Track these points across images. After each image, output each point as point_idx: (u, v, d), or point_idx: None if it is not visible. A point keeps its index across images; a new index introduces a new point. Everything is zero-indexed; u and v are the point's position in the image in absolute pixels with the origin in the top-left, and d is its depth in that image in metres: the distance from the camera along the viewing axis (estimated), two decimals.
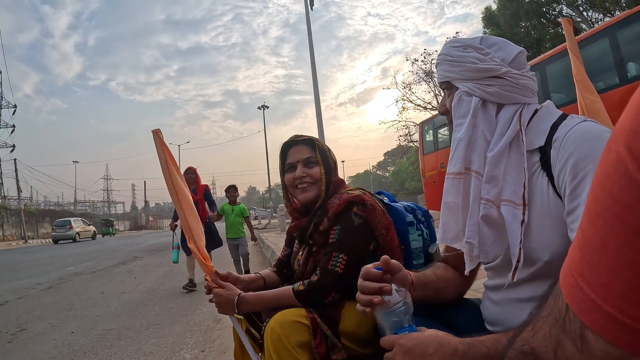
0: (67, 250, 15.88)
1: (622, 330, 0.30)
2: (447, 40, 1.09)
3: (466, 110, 0.98)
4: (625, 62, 5.86)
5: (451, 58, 1.02)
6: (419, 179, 22.79)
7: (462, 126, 0.97)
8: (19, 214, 30.62)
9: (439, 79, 1.08)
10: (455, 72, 1.01)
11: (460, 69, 1.00)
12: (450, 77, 1.03)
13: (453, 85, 1.04)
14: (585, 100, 2.22)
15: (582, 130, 0.83)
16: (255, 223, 26.54)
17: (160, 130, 1.59)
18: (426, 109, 28.02)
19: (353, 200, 1.39)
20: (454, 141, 0.98)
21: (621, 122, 0.30)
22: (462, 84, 1.01)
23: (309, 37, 12.62)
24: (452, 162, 0.97)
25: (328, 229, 1.40)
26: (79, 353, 3.07)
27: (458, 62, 1.01)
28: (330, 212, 1.41)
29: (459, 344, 0.76)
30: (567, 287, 0.35)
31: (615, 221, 0.29)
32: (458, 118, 0.99)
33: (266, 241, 9.02)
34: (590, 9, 19.93)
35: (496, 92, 0.97)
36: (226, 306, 1.45)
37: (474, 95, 0.98)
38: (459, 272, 1.19)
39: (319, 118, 12.09)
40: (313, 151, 1.52)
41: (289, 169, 1.54)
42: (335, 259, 1.34)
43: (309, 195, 1.50)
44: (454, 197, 0.97)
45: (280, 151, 1.57)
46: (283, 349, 1.19)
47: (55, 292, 5.90)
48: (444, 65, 1.04)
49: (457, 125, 0.99)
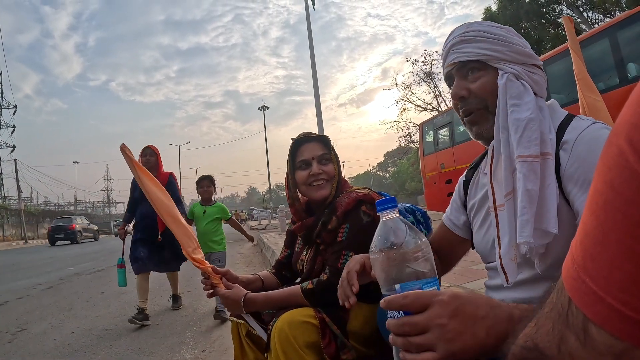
0: (67, 251, 15.87)
1: (625, 322, 0.30)
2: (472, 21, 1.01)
3: (519, 91, 0.91)
4: (625, 63, 5.87)
5: (493, 36, 0.94)
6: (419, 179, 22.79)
7: (521, 107, 0.89)
8: (19, 214, 30.62)
9: (467, 57, 0.96)
10: (500, 51, 0.93)
11: (506, 49, 0.93)
12: (490, 55, 0.94)
13: (487, 66, 0.95)
14: (587, 99, 2.22)
15: (594, 135, 0.82)
16: (255, 224, 26.53)
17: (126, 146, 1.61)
18: (426, 110, 28.10)
19: (362, 199, 1.39)
20: (517, 121, 0.88)
21: (622, 116, 0.30)
22: (507, 65, 0.93)
23: (309, 37, 12.62)
24: (524, 144, 0.85)
25: (337, 228, 1.39)
26: (79, 353, 3.07)
27: (503, 40, 0.94)
28: (339, 210, 1.40)
29: (514, 309, 0.63)
30: (569, 281, 0.35)
31: (616, 214, 0.29)
32: (511, 99, 0.90)
33: (266, 242, 9.02)
34: (591, 10, 19.98)
35: (538, 80, 0.95)
36: (233, 306, 1.44)
37: (522, 79, 0.92)
38: (439, 259, 1.21)
39: (319, 118, 12.08)
40: (327, 148, 1.51)
41: (301, 166, 1.50)
42: (345, 257, 1.34)
43: (324, 193, 1.47)
44: (534, 183, 0.83)
45: (291, 148, 1.53)
46: (291, 349, 1.18)
47: (56, 293, 5.90)
48: (480, 42, 0.95)
49: (512, 105, 0.90)
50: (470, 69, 0.97)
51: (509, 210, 0.87)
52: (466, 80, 0.98)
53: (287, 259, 1.70)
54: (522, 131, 0.86)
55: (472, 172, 1.17)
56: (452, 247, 1.21)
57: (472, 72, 0.97)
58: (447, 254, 1.22)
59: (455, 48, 0.98)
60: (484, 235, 1.06)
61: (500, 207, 0.91)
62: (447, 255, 1.23)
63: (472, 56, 0.95)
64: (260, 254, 8.72)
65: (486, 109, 0.96)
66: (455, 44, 0.98)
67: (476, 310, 0.61)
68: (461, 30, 0.98)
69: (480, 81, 0.96)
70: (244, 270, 6.60)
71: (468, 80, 0.98)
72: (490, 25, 0.97)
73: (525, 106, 0.89)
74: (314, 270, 1.44)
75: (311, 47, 12.63)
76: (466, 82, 0.98)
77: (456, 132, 10.32)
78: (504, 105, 0.91)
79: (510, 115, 0.89)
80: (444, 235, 1.21)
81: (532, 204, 0.82)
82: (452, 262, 1.26)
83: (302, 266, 1.53)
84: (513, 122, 0.88)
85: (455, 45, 0.98)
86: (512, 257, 0.87)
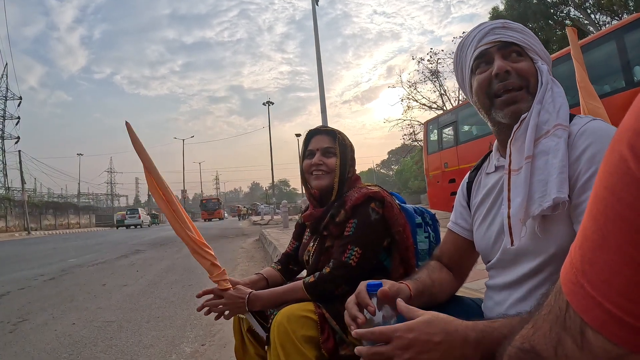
0: (70, 243, 15.95)
1: (622, 327, 0.30)
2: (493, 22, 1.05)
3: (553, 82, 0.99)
4: (632, 66, 5.83)
5: (531, 33, 1.02)
6: (422, 178, 22.75)
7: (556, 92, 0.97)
8: (22, 206, 30.75)
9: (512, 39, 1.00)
10: (537, 46, 1.01)
11: (540, 47, 1.01)
12: (530, 45, 1.00)
13: (525, 54, 1.01)
14: (588, 105, 2.25)
15: (594, 127, 0.87)
16: (258, 219, 26.58)
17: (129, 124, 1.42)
18: (431, 109, 28.04)
19: (372, 195, 1.42)
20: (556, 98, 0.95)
21: (624, 122, 0.30)
22: (540, 62, 1.00)
23: (315, 32, 12.61)
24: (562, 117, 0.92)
25: (344, 221, 1.42)
26: (79, 344, 3.09)
27: (535, 39, 1.01)
28: (348, 204, 1.43)
29: (470, 332, 0.71)
30: (568, 285, 0.36)
31: (616, 219, 0.30)
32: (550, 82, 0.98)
33: (268, 237, 9.04)
34: (598, 12, 19.84)
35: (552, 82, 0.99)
36: (237, 307, 1.43)
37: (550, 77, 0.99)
38: (452, 273, 1.19)
39: (323, 114, 12.10)
40: (333, 142, 1.56)
41: (308, 155, 1.58)
42: (350, 251, 1.35)
43: (321, 183, 1.53)
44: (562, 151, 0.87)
45: (305, 138, 1.61)
46: (289, 343, 1.19)
47: (57, 284, 5.93)
48: (522, 33, 1.01)
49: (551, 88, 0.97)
50: (512, 51, 1.00)
51: (526, 173, 0.90)
52: (507, 59, 1.00)
53: (294, 251, 1.72)
54: (559, 107, 0.93)
55: (475, 174, 1.18)
56: (462, 254, 1.20)
57: (515, 54, 1.00)
58: (458, 263, 1.20)
59: (498, 30, 1.02)
60: (484, 232, 1.07)
61: (515, 172, 0.93)
62: (458, 264, 1.20)
63: (517, 40, 1.00)
64: (262, 249, 8.74)
65: (527, 89, 0.99)
66: (497, 27, 1.02)
67: (431, 337, 0.70)
68: (496, 22, 1.03)
69: (524, 63, 1.00)
70: (246, 264, 6.62)
71: (511, 59, 1.00)
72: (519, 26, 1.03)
73: (559, 93, 0.96)
74: (319, 266, 1.45)
75: (317, 43, 12.62)
76: (508, 61, 1.00)
77: (460, 132, 10.30)
78: (546, 83, 0.96)
79: (551, 94, 0.96)
80: (453, 242, 1.21)
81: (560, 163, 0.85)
82: (464, 271, 1.23)
83: (309, 257, 1.55)
84: (554, 98, 0.95)
85: (497, 28, 1.02)
86: (521, 217, 0.89)
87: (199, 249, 1.42)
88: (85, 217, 47.38)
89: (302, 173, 1.62)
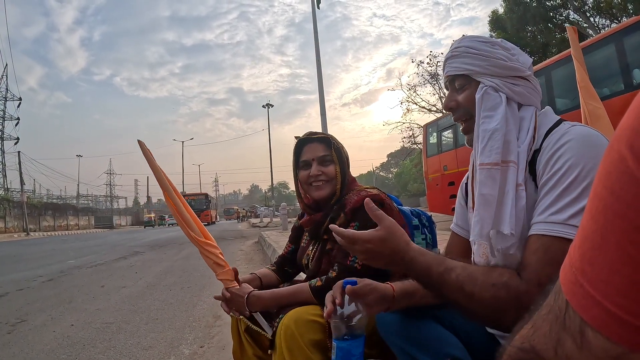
0: (69, 244, 15.93)
1: (622, 326, 0.30)
2: (465, 36, 1.07)
3: (494, 103, 0.97)
4: (631, 69, 5.84)
5: (476, 51, 1.00)
6: (421, 181, 22.75)
7: (492, 118, 0.95)
8: (21, 207, 30.74)
9: (454, 71, 1.04)
10: (481, 66, 1.00)
11: (487, 63, 0.99)
12: (472, 70, 1.01)
13: (472, 80, 1.02)
14: (588, 106, 2.25)
15: (575, 132, 0.86)
16: (257, 221, 26.56)
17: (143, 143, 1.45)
18: (431, 112, 28.05)
19: (372, 198, 1.40)
20: (484, 132, 0.95)
21: (624, 121, 0.30)
22: (487, 79, 0.99)
23: (314, 35, 12.62)
24: (485, 153, 0.93)
25: (345, 225, 1.41)
26: (78, 346, 3.08)
27: (485, 56, 0.99)
28: (347, 207, 1.42)
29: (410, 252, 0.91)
30: (567, 284, 0.36)
31: (615, 218, 0.30)
32: (485, 111, 0.97)
33: (267, 239, 9.03)
34: (597, 15, 19.88)
35: (521, 92, 0.99)
36: (239, 305, 1.43)
37: (501, 91, 0.97)
38: None
39: (323, 117, 12.09)
40: (328, 149, 1.53)
41: (303, 166, 1.54)
42: (354, 255, 1.34)
43: (323, 193, 1.51)
44: (490, 188, 0.91)
45: (295, 147, 1.57)
46: (296, 347, 1.18)
47: (56, 285, 5.91)
48: (465, 58, 1.01)
49: (485, 117, 0.97)
50: (457, 82, 1.05)
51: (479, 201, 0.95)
52: (456, 92, 1.06)
53: (290, 255, 1.71)
54: (486, 141, 0.94)
55: None
56: (464, 255, 1.17)
57: (460, 85, 1.05)
58: None
59: (447, 62, 1.06)
60: None
61: None
62: None
63: (458, 71, 1.03)
64: (261, 252, 8.73)
65: (473, 118, 1.02)
66: (447, 58, 1.06)
67: (382, 250, 0.93)
68: (453, 45, 1.06)
69: (465, 94, 1.03)
70: (245, 267, 6.60)
71: (457, 92, 1.05)
72: (476, 41, 1.03)
73: (496, 117, 0.95)
74: (321, 270, 1.45)
75: (317, 46, 12.63)
76: (456, 94, 1.06)
77: (459, 135, 10.29)
78: (477, 117, 0.99)
79: (481, 126, 0.97)
80: (456, 244, 1.21)
81: (487, 207, 0.91)
82: None
83: (308, 261, 1.54)
84: (481, 132, 0.97)
85: (448, 59, 1.06)
86: (480, 254, 0.98)
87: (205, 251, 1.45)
88: (84, 219, 47.36)
89: (298, 184, 1.59)
